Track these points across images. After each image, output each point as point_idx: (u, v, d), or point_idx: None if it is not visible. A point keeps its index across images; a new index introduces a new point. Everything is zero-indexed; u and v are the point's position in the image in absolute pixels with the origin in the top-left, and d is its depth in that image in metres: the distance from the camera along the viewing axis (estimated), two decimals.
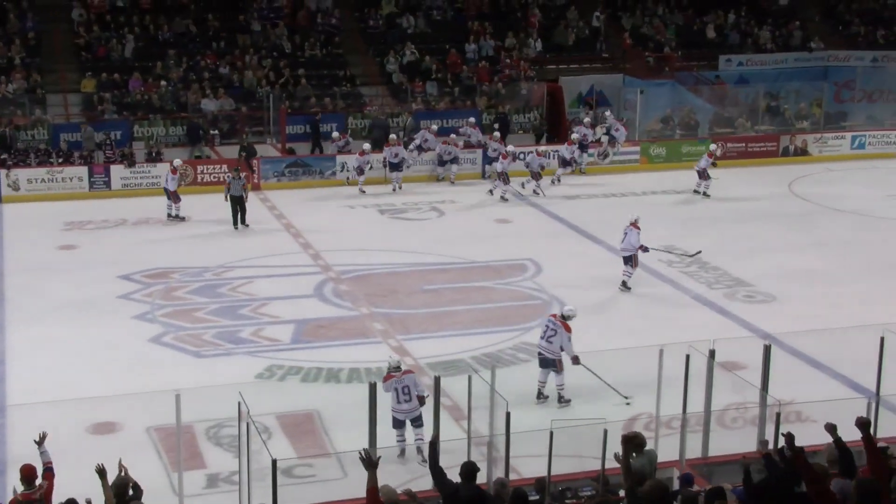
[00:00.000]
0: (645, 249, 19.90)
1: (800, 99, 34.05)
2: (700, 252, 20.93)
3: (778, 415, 11.30)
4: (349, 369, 16.24)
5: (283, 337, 17.78)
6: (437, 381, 11.68)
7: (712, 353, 12.34)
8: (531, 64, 33.37)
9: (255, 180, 27.53)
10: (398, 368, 13.50)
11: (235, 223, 24.15)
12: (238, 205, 24.13)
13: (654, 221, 23.90)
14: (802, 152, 31.79)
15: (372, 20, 34.10)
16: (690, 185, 27.86)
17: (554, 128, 31.74)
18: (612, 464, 10.19)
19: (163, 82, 30.07)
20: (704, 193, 27.32)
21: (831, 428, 9.51)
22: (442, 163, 28.92)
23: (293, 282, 20.67)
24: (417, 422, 13.25)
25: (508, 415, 10.78)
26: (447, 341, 17.50)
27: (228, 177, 24.60)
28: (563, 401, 14.95)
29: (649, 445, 10.43)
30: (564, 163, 28.60)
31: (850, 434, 9.45)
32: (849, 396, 13.77)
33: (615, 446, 10.21)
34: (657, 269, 21.32)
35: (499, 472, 11.13)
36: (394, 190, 27.58)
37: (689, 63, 35.06)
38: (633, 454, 9.74)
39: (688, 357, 12.21)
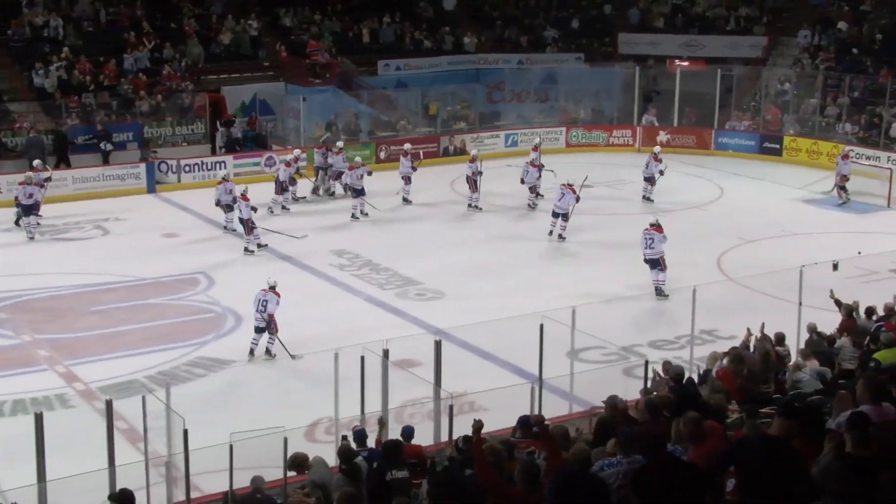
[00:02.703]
0: (578, 199, 23.50)
1: (455, 101, 35.43)
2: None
3: (451, 407, 11.71)
4: (13, 401, 15.32)
5: None
6: (108, 405, 11.23)
7: (386, 353, 12.61)
8: (192, 74, 32.72)
9: None
10: (272, 288, 16.92)
11: None
12: None
13: (321, 226, 24.19)
14: (461, 152, 33.11)
15: (14, 31, 32.07)
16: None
17: (214, 139, 31.23)
18: (293, 473, 10.21)
19: None
20: (649, 198, 27.40)
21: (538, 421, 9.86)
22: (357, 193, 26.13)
23: None
24: (268, 329, 16.76)
25: (186, 432, 10.53)
26: (119, 362, 16.87)
27: None
28: (661, 294, 19.20)
29: (327, 451, 10.49)
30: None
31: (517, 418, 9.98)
32: (516, 383, 14.45)
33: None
34: (330, 274, 21.55)
35: (180, 492, 10.87)
36: (30, 238, 24.08)
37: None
38: (306, 472, 9.83)
39: (363, 358, 12.42)
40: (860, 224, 25.79)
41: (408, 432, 11.17)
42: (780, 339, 14.09)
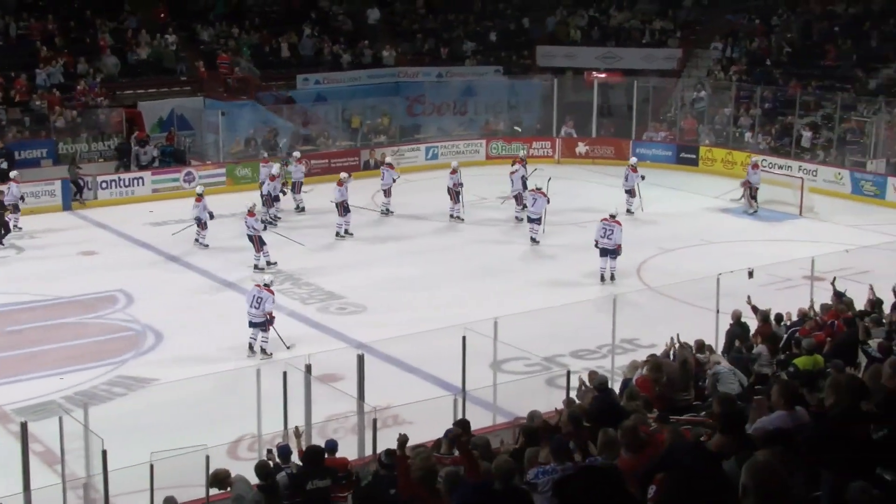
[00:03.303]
0: (548, 201, 24.80)
1: (375, 114, 35.39)
2: None
3: (374, 420, 11.67)
4: None
5: None
6: (23, 427, 10.99)
7: (308, 368, 12.53)
8: (107, 89, 32.21)
9: None
10: (266, 285, 17.78)
11: None
12: None
13: (241, 242, 23.96)
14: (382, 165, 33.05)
15: None
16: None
17: (125, 154, 30.68)
18: (214, 490, 10.08)
19: None
20: (631, 210, 27.52)
21: (455, 435, 9.90)
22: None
23: None
24: (261, 326, 17.56)
25: (105, 453, 10.36)
26: (36, 383, 16.51)
27: None
28: (613, 279, 21.59)
29: (250, 468, 10.37)
30: None
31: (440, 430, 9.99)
32: (439, 395, 14.44)
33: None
34: (246, 289, 21.29)
35: None
36: None
37: (268, 83, 35.39)
38: (228, 489, 9.72)
39: (285, 374, 12.33)
40: (774, 232, 26.31)
41: (331, 446, 11.11)
42: (700, 346, 14.27)
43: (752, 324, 15.46)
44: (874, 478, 6.44)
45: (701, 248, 24.56)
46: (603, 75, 36.57)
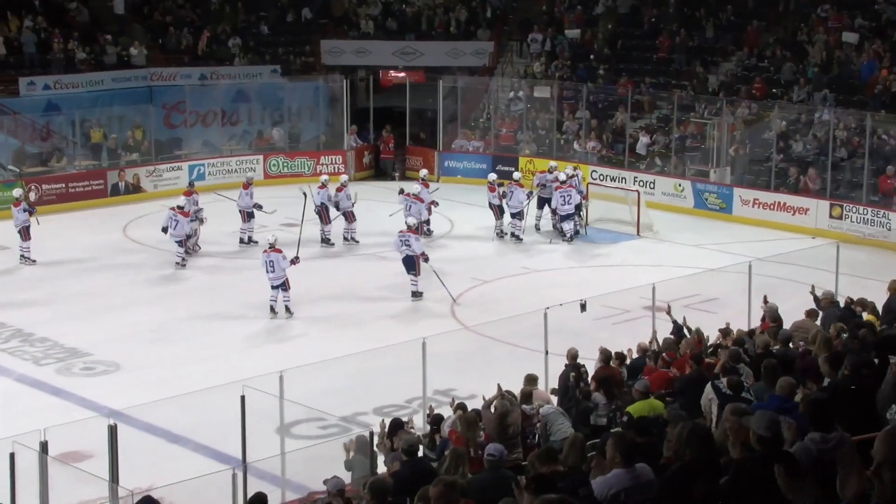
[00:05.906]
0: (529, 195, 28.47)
1: (124, 127, 34.61)
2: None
3: None
4: None
5: None
6: None
7: (44, 446, 12.08)
8: None
9: None
10: (272, 245, 21.83)
11: None
12: None
13: None
14: (135, 189, 32.36)
15: None
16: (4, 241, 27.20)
17: None
18: None
19: None
20: (513, 234, 28.43)
21: None
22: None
23: None
24: (283, 287, 21.82)
25: None
26: None
27: None
28: (572, 239, 27.79)
29: None
30: None
31: None
32: (214, 470, 14.14)
33: None
34: None
35: None
36: None
37: None
38: None
39: (12, 455, 11.88)
40: (608, 256, 27.02)
41: None
42: (527, 395, 14.32)
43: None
44: None
45: (523, 278, 25.02)
46: (402, 74, 36.92)
